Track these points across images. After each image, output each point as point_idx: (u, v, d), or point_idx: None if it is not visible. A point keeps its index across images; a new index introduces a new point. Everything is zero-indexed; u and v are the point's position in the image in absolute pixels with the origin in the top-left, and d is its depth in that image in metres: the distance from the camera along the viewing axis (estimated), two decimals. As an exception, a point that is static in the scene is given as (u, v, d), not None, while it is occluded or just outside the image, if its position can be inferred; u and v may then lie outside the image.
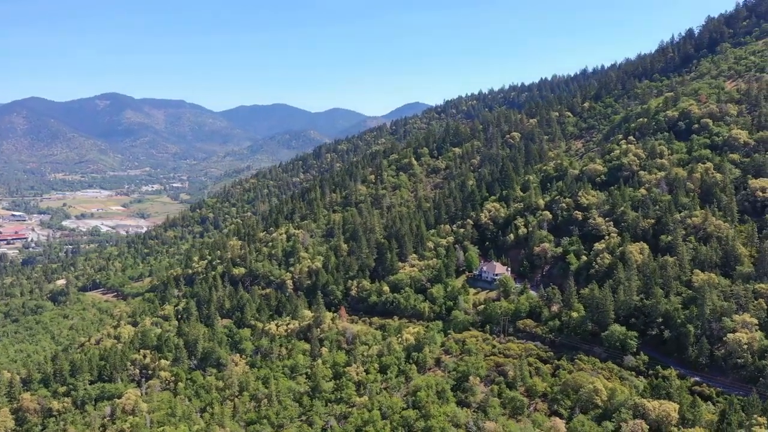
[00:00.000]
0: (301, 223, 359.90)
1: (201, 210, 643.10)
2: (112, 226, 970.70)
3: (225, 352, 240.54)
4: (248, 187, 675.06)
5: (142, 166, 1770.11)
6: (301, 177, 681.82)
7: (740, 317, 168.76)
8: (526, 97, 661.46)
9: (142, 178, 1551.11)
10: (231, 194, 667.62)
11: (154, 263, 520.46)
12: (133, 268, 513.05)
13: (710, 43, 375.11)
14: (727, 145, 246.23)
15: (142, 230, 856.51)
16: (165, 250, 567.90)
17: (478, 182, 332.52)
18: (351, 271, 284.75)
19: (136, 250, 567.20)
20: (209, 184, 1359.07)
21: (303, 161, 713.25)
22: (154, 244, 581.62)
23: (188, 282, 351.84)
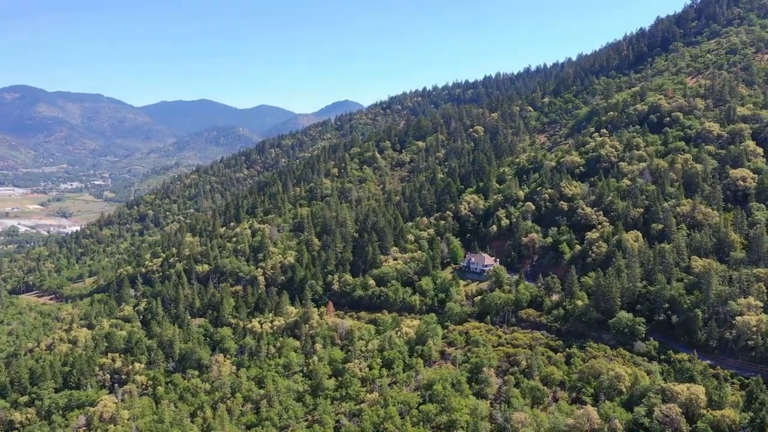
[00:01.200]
0: (265, 218, 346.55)
1: (139, 207, 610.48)
2: (31, 225, 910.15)
3: (206, 353, 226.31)
4: (189, 183, 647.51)
5: (58, 162, 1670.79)
6: (245, 172, 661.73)
7: (745, 301, 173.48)
8: (471, 93, 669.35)
9: (59, 175, 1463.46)
10: (171, 191, 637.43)
11: (92, 263, 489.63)
12: (68, 268, 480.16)
13: (663, 42, 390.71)
14: (701, 138, 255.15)
15: (65, 230, 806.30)
16: (102, 249, 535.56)
17: (449, 175, 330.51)
18: (329, 266, 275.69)
19: (69, 250, 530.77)
20: (135, 181, 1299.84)
21: (246, 156, 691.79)
22: (89, 243, 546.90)
23: (146, 281, 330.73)
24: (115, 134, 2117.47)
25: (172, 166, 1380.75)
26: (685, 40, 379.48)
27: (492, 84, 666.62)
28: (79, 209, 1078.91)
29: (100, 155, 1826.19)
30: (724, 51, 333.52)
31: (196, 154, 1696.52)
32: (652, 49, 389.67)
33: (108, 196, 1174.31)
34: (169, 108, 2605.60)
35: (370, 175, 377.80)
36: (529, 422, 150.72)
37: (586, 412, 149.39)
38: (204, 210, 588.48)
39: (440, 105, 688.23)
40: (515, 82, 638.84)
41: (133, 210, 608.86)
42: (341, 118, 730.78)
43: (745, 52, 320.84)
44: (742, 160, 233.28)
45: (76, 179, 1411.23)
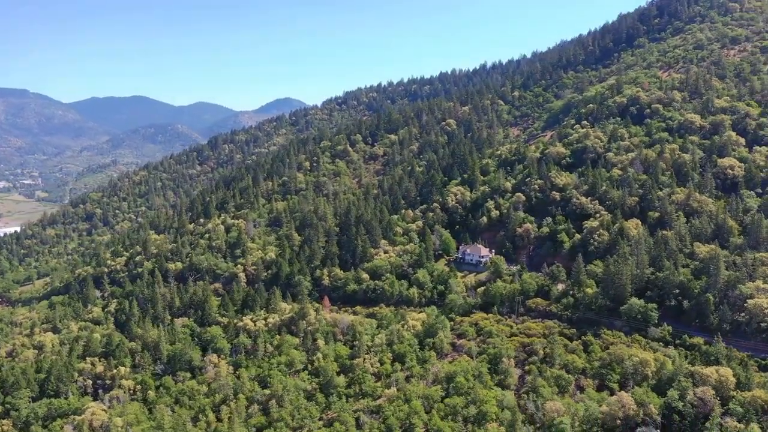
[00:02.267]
0: (238, 213, 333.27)
1: (85, 206, 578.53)
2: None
3: (196, 354, 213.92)
4: (138, 180, 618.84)
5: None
6: (197, 169, 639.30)
7: (753, 284, 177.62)
8: (429, 89, 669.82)
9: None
10: (119, 188, 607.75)
11: (38, 265, 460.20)
12: (12, 271, 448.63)
13: (628, 38, 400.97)
14: (684, 128, 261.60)
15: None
16: (47, 250, 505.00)
17: (428, 167, 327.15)
18: (315, 260, 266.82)
19: (11, 252, 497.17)
20: (70, 180, 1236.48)
21: (198, 152, 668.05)
22: (32, 244, 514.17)
23: (112, 282, 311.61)
24: (43, 131, 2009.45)
25: (109, 165, 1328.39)
26: (649, 36, 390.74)
27: (449, 80, 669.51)
28: (9, 210, 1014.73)
29: (27, 153, 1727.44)
30: (691, 46, 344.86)
31: (132, 152, 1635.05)
32: (617, 45, 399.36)
33: (40, 196, 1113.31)
34: (100, 104, 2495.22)
35: (344, 169, 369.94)
36: (563, 411, 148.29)
37: (620, 398, 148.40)
38: (157, 207, 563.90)
39: (397, 101, 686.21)
40: (472, 78, 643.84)
41: (79, 209, 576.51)
42: (296, 114, 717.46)
43: (712, 48, 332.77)
44: (728, 150, 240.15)
45: (3, 179, 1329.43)
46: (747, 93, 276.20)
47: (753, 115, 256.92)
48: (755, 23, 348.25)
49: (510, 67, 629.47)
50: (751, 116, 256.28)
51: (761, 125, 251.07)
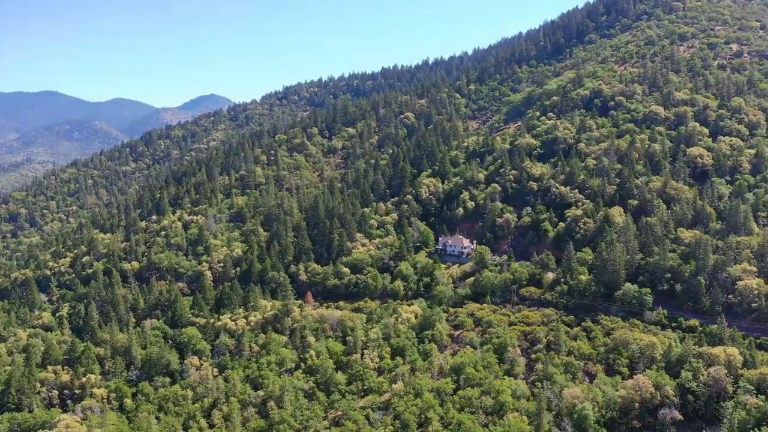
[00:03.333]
0: (195, 209, 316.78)
1: (8, 206, 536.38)
2: None
3: (174, 357, 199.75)
4: (67, 178, 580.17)
5: None
6: (132, 165, 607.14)
7: (740, 266, 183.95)
8: (372, 84, 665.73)
9: None
10: (46, 187, 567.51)
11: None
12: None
13: (578, 34, 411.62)
14: (649, 120, 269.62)
15: None
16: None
17: (393, 160, 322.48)
18: (287, 256, 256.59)
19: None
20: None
21: (131, 149, 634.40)
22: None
23: (60, 284, 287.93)
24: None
25: (22, 163, 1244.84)
26: (599, 33, 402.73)
27: (392, 75, 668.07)
28: None
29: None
30: (642, 42, 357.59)
31: (47, 150, 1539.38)
32: (568, 41, 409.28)
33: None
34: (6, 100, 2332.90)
35: (303, 162, 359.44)
36: (583, 396, 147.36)
37: (637, 381, 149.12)
38: (90, 206, 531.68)
39: (339, 96, 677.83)
40: (416, 74, 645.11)
41: (1, 209, 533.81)
42: (235, 109, 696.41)
43: (663, 44, 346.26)
44: (694, 140, 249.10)
45: None
46: (702, 86, 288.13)
47: (712, 107, 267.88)
48: (699, 21, 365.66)
49: (453, 63, 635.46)
50: (710, 108, 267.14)
51: (721, 117, 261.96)
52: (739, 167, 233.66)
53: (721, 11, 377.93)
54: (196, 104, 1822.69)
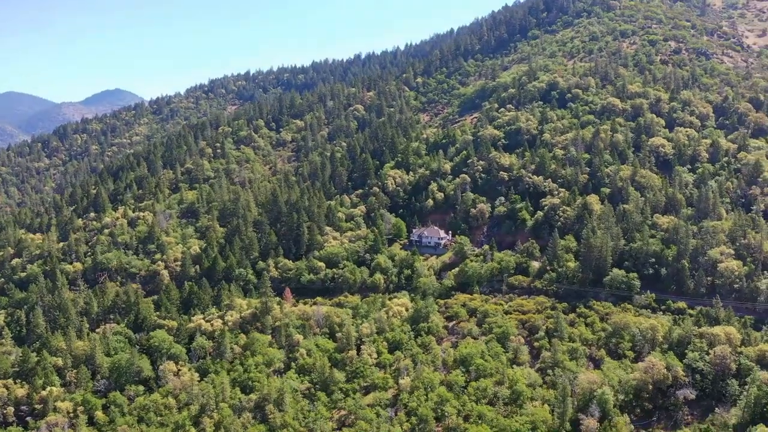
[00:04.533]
0: (140, 205, 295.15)
1: None
2: None
3: (145, 363, 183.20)
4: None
5: None
6: (46, 162, 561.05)
7: (719, 249, 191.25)
8: (303, 78, 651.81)
9: None
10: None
11: None
12: None
13: (521, 29, 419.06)
14: (607, 111, 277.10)
15: None
16: None
17: (350, 152, 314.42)
18: (253, 252, 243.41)
19: None
20: None
21: (43, 144, 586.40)
22: None
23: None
24: None
25: None
26: (541, 29, 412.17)
27: (324, 69, 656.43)
28: None
29: None
30: (587, 38, 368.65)
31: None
32: (512, 35, 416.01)
33: None
34: None
35: (252, 156, 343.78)
36: (599, 381, 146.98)
37: (649, 363, 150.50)
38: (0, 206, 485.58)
39: (269, 89, 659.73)
40: (349, 68, 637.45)
41: None
42: (158, 102, 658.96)
43: (606, 40, 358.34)
44: (653, 131, 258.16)
45: None
46: (651, 80, 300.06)
47: (664, 99, 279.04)
48: (636, 20, 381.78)
49: (386, 58, 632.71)
50: (663, 101, 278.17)
51: (673, 109, 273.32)
52: (698, 156, 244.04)
53: (654, 10, 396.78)
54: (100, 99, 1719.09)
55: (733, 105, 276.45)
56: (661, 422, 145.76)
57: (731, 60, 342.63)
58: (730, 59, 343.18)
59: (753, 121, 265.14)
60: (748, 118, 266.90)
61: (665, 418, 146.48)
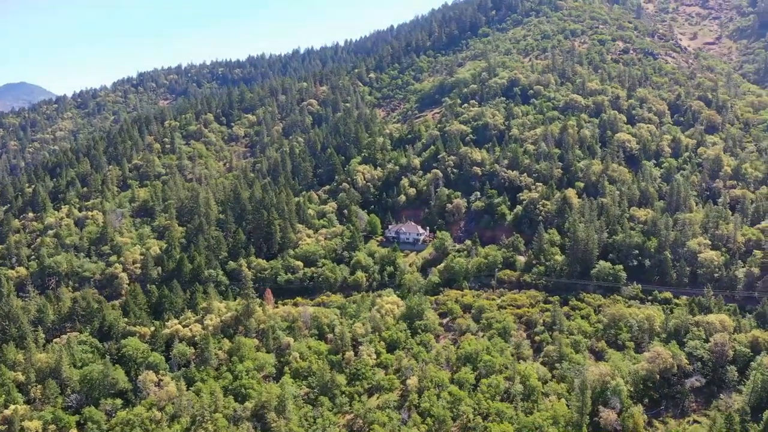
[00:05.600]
0: (87, 204, 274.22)
1: None
2: None
3: (120, 374, 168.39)
4: None
5: None
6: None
7: (696, 240, 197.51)
8: (240, 73, 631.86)
9: None
10: None
11: None
12: None
13: (471, 26, 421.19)
14: (570, 107, 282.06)
15: None
16: None
17: (310, 148, 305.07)
18: (222, 252, 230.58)
19: None
20: None
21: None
22: None
23: None
24: None
25: None
26: (492, 26, 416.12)
27: (263, 64, 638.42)
28: None
29: None
30: (539, 36, 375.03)
31: None
32: (463, 33, 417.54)
33: None
34: None
35: (204, 151, 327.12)
36: (611, 373, 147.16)
37: (655, 353, 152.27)
38: None
39: (203, 84, 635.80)
40: (288, 63, 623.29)
41: None
42: (82, 95, 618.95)
43: (558, 38, 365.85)
44: (617, 126, 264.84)
45: None
46: (607, 78, 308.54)
47: (623, 96, 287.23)
48: (584, 20, 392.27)
49: (326, 54, 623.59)
50: (621, 98, 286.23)
51: (632, 106, 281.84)
52: (662, 151, 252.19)
53: (598, 11, 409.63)
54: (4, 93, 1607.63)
55: (686, 102, 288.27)
56: (669, 410, 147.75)
57: (674, 60, 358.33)
58: (673, 59, 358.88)
59: (705, 119, 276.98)
60: (701, 116, 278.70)
61: (672, 407, 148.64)
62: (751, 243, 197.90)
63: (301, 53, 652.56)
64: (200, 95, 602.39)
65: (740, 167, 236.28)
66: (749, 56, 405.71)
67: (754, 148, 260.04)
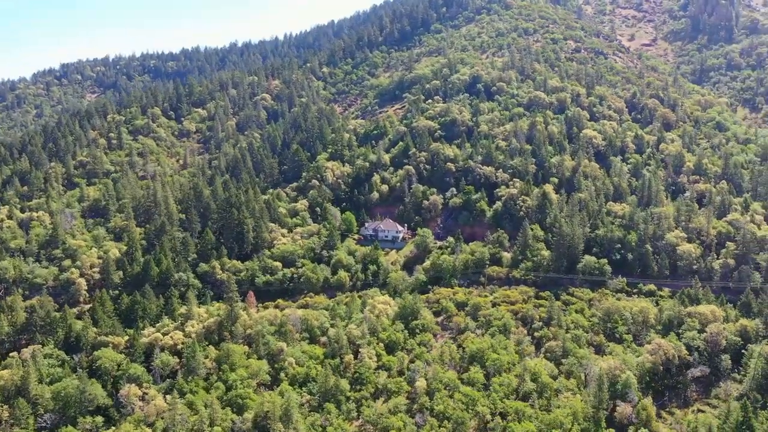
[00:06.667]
0: (29, 204, 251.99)
1: None
2: None
3: (98, 389, 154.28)
4: None
5: None
6: None
7: (673, 233, 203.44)
8: (175, 66, 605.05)
9: None
10: None
11: None
12: None
13: (423, 23, 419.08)
14: (534, 104, 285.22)
15: None
16: None
17: (270, 144, 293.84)
18: (190, 253, 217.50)
19: None
20: None
21: None
22: None
23: None
24: None
25: None
26: (444, 23, 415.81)
27: (199, 57, 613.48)
28: None
29: None
30: (494, 34, 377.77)
31: None
32: (415, 29, 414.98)
33: None
34: None
35: (154, 147, 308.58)
36: (620, 367, 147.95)
37: (658, 345, 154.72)
38: None
39: (135, 77, 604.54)
40: (226, 57, 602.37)
41: None
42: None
43: (513, 36, 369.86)
44: (582, 123, 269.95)
45: None
46: (565, 76, 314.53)
47: (583, 94, 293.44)
48: (534, 18, 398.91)
49: (267, 47, 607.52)
50: (582, 95, 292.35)
51: (593, 103, 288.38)
52: (627, 148, 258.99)
53: (546, 11, 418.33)
54: None
55: (641, 101, 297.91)
56: (672, 401, 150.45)
57: (622, 60, 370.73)
58: (621, 59, 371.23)
59: (661, 116, 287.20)
60: (657, 113, 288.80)
61: (675, 397, 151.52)
62: (722, 235, 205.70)
63: (239, 47, 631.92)
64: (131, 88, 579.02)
65: (701, 163, 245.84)
66: (684, 57, 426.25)
67: (708, 145, 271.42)
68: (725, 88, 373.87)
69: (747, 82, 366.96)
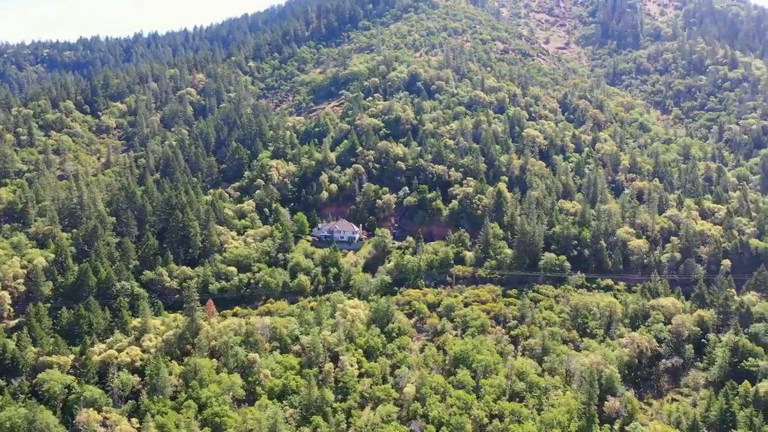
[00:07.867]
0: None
1: None
2: None
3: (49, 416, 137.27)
4: None
5: None
6: None
7: (623, 229, 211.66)
8: (73, 56, 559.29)
9: None
10: None
11: None
12: None
13: (351, 19, 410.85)
14: (475, 103, 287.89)
15: None
16: None
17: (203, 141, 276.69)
18: (132, 260, 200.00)
19: None
20: None
21: None
22: None
23: None
24: None
25: None
26: (371, 20, 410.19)
27: (101, 47, 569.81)
28: None
29: None
30: (425, 33, 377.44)
31: None
32: (342, 25, 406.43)
33: None
34: None
35: (71, 144, 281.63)
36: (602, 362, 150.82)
37: (631, 339, 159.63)
38: None
39: (26, 67, 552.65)
40: (132, 48, 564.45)
41: None
42: None
43: (443, 36, 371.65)
44: (523, 123, 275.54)
45: None
46: (499, 75, 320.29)
47: (519, 94, 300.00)
48: (461, 19, 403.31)
49: (176, 40, 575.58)
50: (518, 95, 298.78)
51: (529, 103, 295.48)
52: (566, 147, 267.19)
53: (472, 12, 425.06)
54: None
55: (573, 101, 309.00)
56: (647, 391, 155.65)
57: (545, 62, 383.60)
58: (544, 61, 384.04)
59: (592, 117, 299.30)
60: (588, 114, 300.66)
61: (648, 387, 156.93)
62: (665, 230, 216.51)
63: (144, 37, 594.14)
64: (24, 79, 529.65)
65: (635, 161, 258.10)
66: (598, 61, 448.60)
67: (635, 144, 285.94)
68: (637, 91, 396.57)
69: (657, 86, 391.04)
